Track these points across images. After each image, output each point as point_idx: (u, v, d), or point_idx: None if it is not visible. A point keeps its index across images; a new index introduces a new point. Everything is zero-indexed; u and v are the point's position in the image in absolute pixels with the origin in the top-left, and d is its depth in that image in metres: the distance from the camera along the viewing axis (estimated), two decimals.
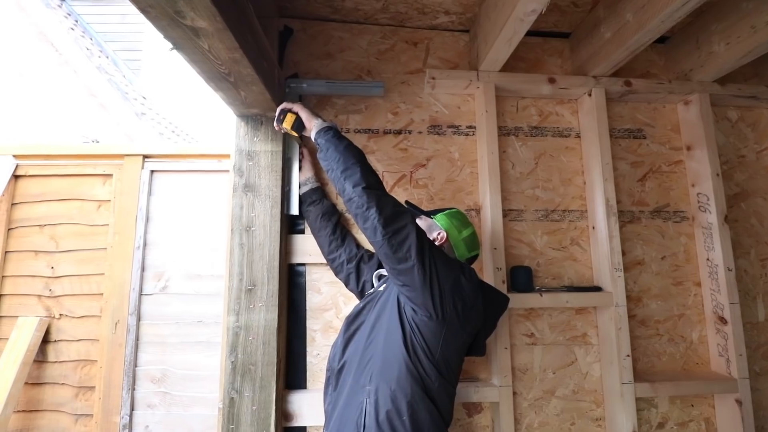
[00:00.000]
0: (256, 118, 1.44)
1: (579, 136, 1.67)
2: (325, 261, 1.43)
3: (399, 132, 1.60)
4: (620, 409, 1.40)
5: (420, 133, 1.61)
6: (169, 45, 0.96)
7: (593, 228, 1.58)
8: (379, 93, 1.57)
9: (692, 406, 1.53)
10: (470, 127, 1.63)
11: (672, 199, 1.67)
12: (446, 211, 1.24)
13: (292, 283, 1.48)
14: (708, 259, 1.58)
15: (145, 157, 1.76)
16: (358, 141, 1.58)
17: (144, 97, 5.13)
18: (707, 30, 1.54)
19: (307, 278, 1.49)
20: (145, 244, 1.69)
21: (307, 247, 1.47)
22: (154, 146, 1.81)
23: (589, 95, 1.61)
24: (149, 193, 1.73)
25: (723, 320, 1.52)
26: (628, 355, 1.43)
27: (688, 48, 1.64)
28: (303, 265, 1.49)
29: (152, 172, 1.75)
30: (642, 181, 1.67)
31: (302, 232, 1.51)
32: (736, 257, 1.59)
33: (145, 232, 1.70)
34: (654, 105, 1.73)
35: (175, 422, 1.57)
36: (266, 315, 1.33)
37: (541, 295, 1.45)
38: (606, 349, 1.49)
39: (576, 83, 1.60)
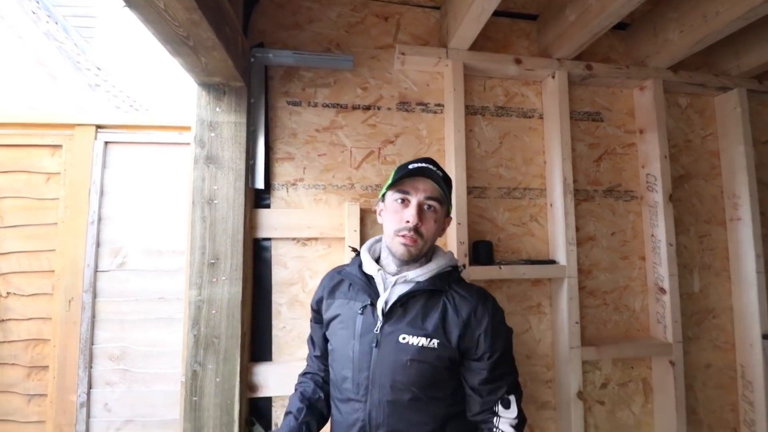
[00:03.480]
0: (218, 88, 1.39)
1: (542, 118, 1.73)
2: (292, 236, 1.42)
3: (368, 108, 1.59)
4: (568, 371, 1.52)
5: (389, 109, 1.61)
6: (122, 2, 0.90)
7: (551, 205, 1.66)
8: (348, 67, 1.54)
9: (632, 368, 1.68)
10: (438, 105, 1.64)
11: (624, 180, 1.78)
12: None
13: (257, 258, 1.47)
14: (652, 235, 1.71)
15: (98, 127, 1.65)
16: (326, 115, 1.56)
17: (98, 68, 4.75)
18: (664, 18, 1.62)
19: (273, 253, 1.48)
20: (99, 219, 1.60)
21: (273, 222, 1.46)
22: (108, 116, 1.69)
23: (553, 77, 1.66)
24: (104, 166, 1.63)
25: (662, 290, 1.65)
26: (577, 322, 1.54)
27: (647, 35, 1.71)
28: (269, 239, 1.48)
29: (106, 143, 1.65)
30: (597, 162, 1.76)
31: (268, 206, 1.49)
32: (678, 233, 1.73)
33: (100, 207, 1.61)
34: (612, 89, 1.81)
35: (136, 399, 1.55)
36: (230, 288, 1.31)
37: (500, 268, 1.51)
38: (558, 318, 1.59)
39: (541, 65, 1.64)
